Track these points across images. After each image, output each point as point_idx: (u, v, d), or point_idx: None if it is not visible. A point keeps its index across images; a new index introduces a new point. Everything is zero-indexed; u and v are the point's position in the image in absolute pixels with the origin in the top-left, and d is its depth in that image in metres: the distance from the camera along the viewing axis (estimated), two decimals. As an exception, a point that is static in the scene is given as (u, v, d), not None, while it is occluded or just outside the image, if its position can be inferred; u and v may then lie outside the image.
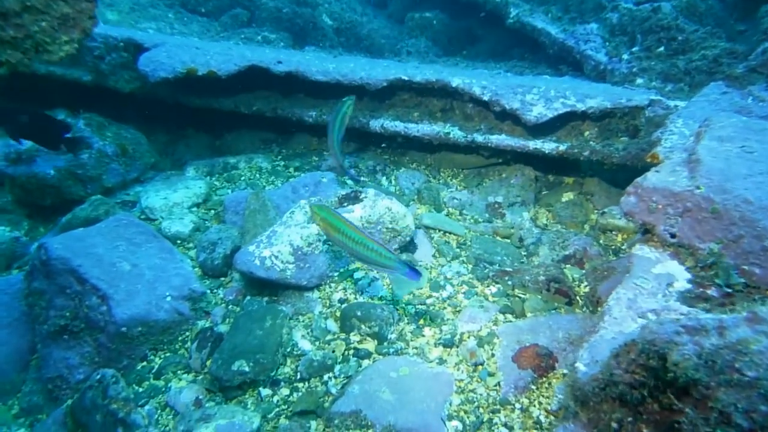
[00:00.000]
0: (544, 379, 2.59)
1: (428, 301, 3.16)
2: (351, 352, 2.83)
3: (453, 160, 4.61)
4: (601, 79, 4.74)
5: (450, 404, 2.50)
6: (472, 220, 4.06)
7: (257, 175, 4.52)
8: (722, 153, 2.49)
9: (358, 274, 3.28)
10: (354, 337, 2.91)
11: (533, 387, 2.56)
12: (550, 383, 2.57)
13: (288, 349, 2.85)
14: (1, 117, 3.49)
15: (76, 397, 2.60)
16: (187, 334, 3.00)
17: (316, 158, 4.76)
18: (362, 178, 4.44)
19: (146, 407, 2.64)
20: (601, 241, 3.66)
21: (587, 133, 4.01)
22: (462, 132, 4.14)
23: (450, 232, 3.79)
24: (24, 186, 3.84)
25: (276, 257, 3.07)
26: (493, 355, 2.74)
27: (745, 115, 2.99)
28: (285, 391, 2.66)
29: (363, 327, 2.90)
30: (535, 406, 2.49)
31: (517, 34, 6.05)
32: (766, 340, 1.40)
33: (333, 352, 2.83)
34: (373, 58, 6.17)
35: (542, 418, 2.43)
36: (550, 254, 3.58)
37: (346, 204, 3.35)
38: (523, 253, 3.67)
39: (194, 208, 4.02)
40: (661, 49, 4.47)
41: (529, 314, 3.02)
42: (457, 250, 3.64)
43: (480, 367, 2.70)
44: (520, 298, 3.15)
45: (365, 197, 3.38)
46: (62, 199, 3.84)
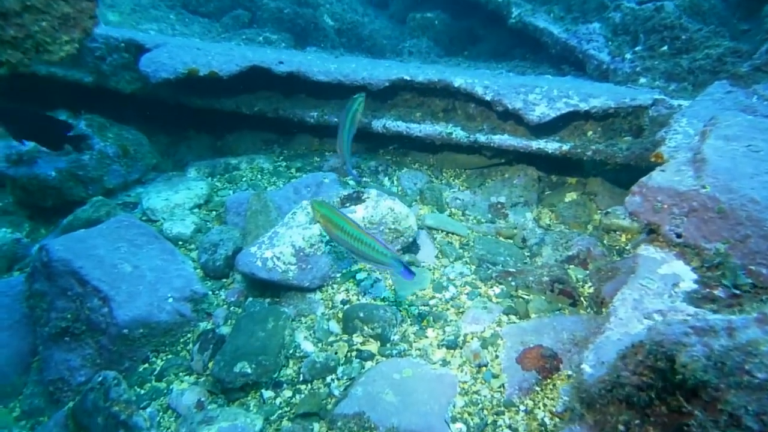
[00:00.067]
0: (549, 380, 2.56)
1: (431, 302, 3.14)
2: (354, 353, 2.82)
3: (455, 160, 4.59)
4: (603, 79, 4.71)
5: (454, 406, 2.48)
6: (474, 220, 4.04)
7: (259, 175, 4.51)
8: (728, 152, 2.46)
9: (360, 275, 3.27)
10: (357, 338, 2.89)
11: (538, 389, 2.54)
12: (554, 385, 2.55)
13: (290, 351, 2.83)
14: (3, 117, 3.48)
15: (77, 399, 2.59)
16: (189, 335, 2.99)
17: (318, 159, 4.74)
18: (364, 179, 4.42)
19: (148, 409, 2.63)
20: (605, 242, 3.64)
21: (590, 132, 3.99)
22: (464, 132, 4.12)
23: (453, 233, 3.77)
24: (25, 187, 3.83)
25: (278, 258, 3.05)
26: (496, 357, 2.72)
27: (750, 114, 2.96)
28: (287, 393, 2.65)
29: (366, 328, 2.89)
30: (539, 408, 2.47)
31: (518, 34, 6.03)
32: (776, 342, 1.37)
33: (336, 353, 2.81)
34: (375, 58, 6.15)
35: (547, 420, 2.41)
36: (553, 255, 3.56)
37: (348, 204, 3.34)
38: (526, 253, 3.65)
39: (196, 210, 4.01)
40: (665, 48, 4.45)
41: (533, 315, 3.00)
42: (460, 250, 3.62)
43: (484, 368, 2.68)
44: (523, 299, 3.13)
45: (368, 198, 3.36)
46: (63, 200, 3.83)
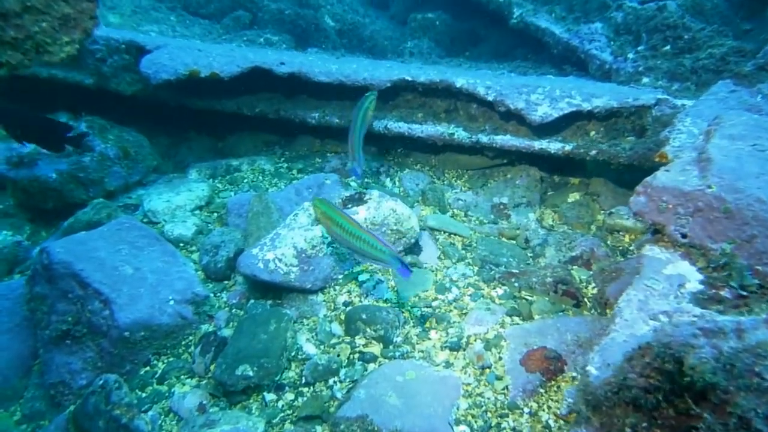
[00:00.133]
0: (553, 382, 2.54)
1: (434, 303, 3.12)
2: (356, 355, 2.80)
3: (457, 160, 4.57)
4: (606, 79, 4.70)
5: (457, 408, 2.46)
6: (477, 221, 4.02)
7: (260, 177, 4.49)
8: (733, 151, 2.44)
9: (362, 277, 3.25)
10: (359, 340, 2.88)
11: (542, 390, 2.52)
12: (558, 387, 2.52)
13: (292, 353, 2.81)
14: (3, 119, 3.46)
15: (78, 402, 2.57)
16: (191, 338, 2.97)
17: (320, 160, 4.72)
18: (366, 179, 4.40)
19: (150, 413, 2.62)
20: (609, 242, 3.62)
21: (593, 133, 3.97)
22: (466, 132, 4.11)
23: (455, 234, 3.75)
24: (26, 189, 3.82)
25: (279, 260, 3.03)
26: (500, 358, 2.70)
27: (755, 113, 2.94)
28: (290, 396, 2.63)
29: (368, 330, 2.87)
30: (544, 410, 2.45)
31: (520, 35, 6.01)
32: (786, 343, 1.35)
33: (338, 356, 2.79)
34: (376, 59, 6.14)
35: (551, 423, 2.39)
36: (556, 255, 3.54)
37: (350, 206, 3.32)
38: (529, 254, 3.63)
39: (197, 211, 3.99)
40: (667, 47, 4.43)
41: (536, 316, 2.98)
42: (463, 251, 3.60)
43: (487, 370, 2.66)
44: (527, 300, 3.10)
45: (369, 199, 3.34)
46: (64, 202, 3.82)
